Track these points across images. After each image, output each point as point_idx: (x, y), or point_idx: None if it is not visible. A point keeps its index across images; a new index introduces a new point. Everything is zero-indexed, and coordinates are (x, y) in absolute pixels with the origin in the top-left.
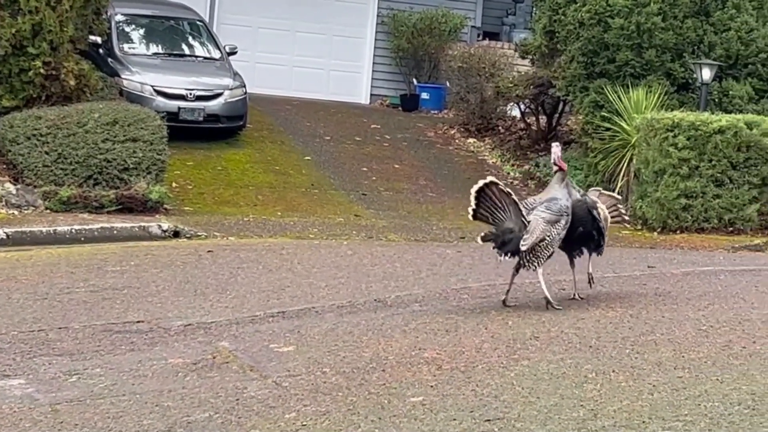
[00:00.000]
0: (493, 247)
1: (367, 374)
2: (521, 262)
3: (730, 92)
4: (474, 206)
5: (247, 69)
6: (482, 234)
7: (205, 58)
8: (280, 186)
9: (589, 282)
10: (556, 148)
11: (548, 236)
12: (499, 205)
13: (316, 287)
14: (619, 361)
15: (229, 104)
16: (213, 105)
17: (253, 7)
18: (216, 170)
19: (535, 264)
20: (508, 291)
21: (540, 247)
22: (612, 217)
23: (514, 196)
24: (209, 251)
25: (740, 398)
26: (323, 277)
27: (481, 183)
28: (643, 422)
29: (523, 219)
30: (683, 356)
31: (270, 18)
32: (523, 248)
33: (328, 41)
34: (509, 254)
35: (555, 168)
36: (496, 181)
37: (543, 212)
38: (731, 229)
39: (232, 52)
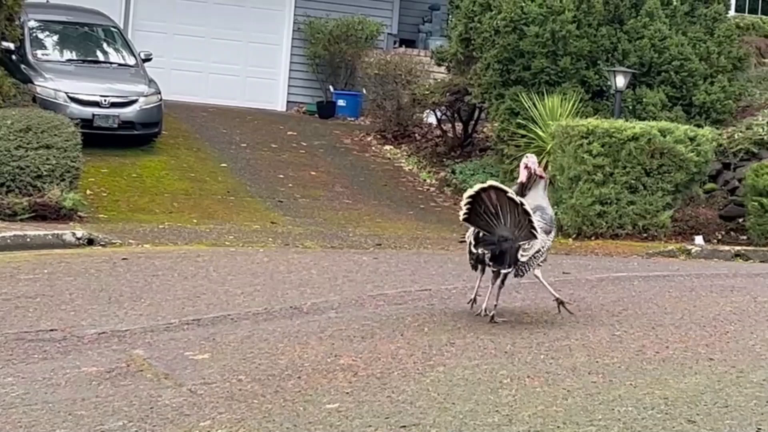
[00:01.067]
0: (489, 258)
1: (282, 381)
2: (516, 271)
3: (644, 99)
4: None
5: (162, 75)
6: (475, 235)
7: (120, 64)
8: (195, 193)
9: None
10: (533, 158)
11: (543, 247)
12: (497, 210)
13: (231, 294)
14: (533, 366)
15: (144, 111)
16: (128, 112)
17: (168, 14)
18: (131, 177)
19: (524, 273)
20: (495, 306)
21: (536, 257)
22: None
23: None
24: (124, 259)
25: (653, 403)
26: (239, 284)
27: (477, 188)
28: (558, 427)
29: (532, 229)
30: (597, 361)
31: (185, 24)
32: (523, 259)
33: (244, 48)
34: (504, 264)
35: (526, 176)
36: (499, 186)
37: (539, 222)
38: (645, 235)
39: (147, 59)
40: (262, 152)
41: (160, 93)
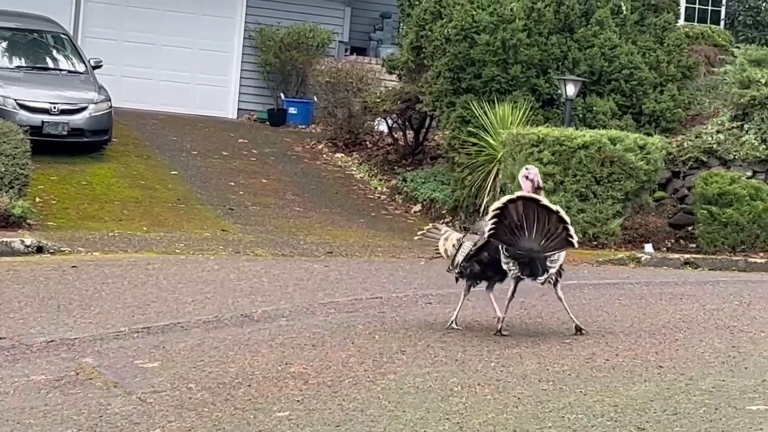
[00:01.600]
0: (519, 271)
1: (233, 389)
2: (547, 280)
3: (594, 108)
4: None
5: (112, 83)
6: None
7: (70, 71)
8: (146, 201)
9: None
10: (534, 170)
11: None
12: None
13: (182, 302)
14: (484, 374)
15: (94, 118)
16: (77, 119)
17: (118, 21)
18: (81, 185)
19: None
20: (502, 319)
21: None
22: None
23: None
24: (73, 266)
25: (603, 410)
26: (189, 292)
27: (505, 200)
28: None
29: (568, 236)
30: (548, 369)
31: (135, 31)
32: (551, 270)
33: (194, 55)
34: (538, 275)
35: (530, 188)
36: (529, 195)
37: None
38: (595, 243)
39: (97, 66)
40: (213, 160)
41: (110, 100)
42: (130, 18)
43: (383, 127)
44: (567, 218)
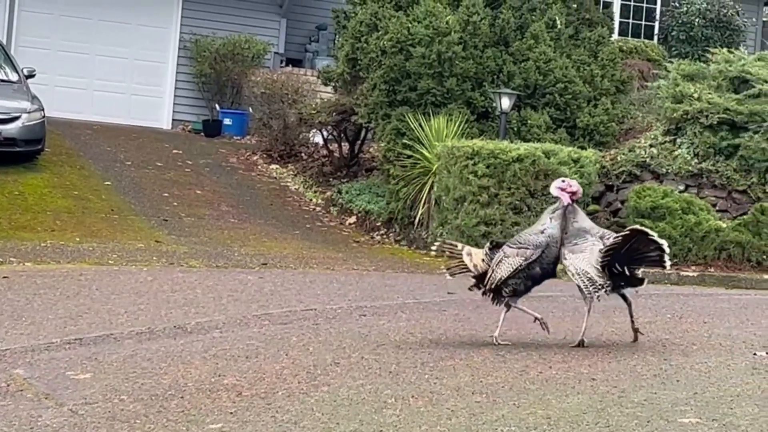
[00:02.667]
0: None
1: (165, 401)
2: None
3: (529, 121)
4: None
5: (45, 92)
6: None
7: (2, 80)
8: (78, 211)
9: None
10: (570, 181)
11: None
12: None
13: (114, 314)
14: (418, 386)
15: (27, 128)
16: (10, 128)
17: (52, 30)
18: (12, 195)
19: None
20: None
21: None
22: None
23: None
24: (4, 277)
25: (536, 422)
26: (122, 303)
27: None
28: None
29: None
30: (481, 381)
31: (70, 41)
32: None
33: (129, 65)
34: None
35: (569, 199)
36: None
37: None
38: None
39: (31, 75)
40: (147, 170)
41: (43, 110)
42: (64, 27)
43: (318, 139)
44: (666, 249)
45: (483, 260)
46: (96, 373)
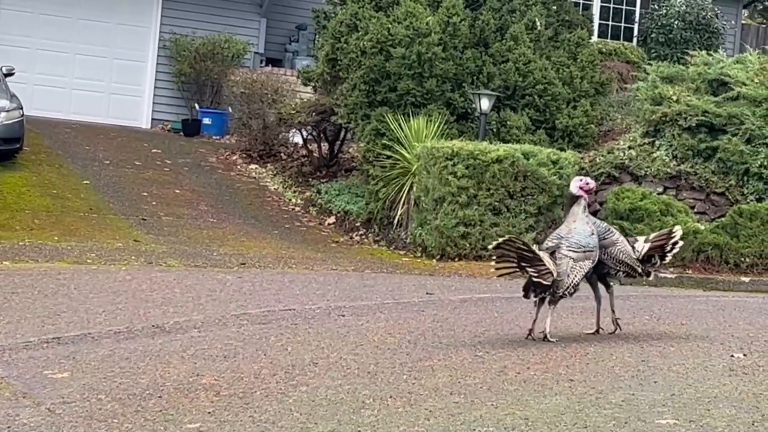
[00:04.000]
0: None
1: (143, 401)
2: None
3: (508, 122)
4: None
5: (24, 91)
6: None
7: None
8: (57, 210)
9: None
10: (591, 180)
11: (578, 277)
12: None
13: (93, 313)
14: (396, 386)
15: (6, 126)
16: None
17: (31, 29)
18: None
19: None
20: (534, 321)
21: (572, 287)
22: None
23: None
24: None
25: (514, 423)
26: (101, 302)
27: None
28: None
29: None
30: (459, 382)
31: (49, 40)
32: (560, 293)
33: (109, 64)
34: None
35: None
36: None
37: (571, 252)
38: None
39: (9, 74)
40: (126, 170)
41: (22, 108)
42: (43, 26)
43: (298, 139)
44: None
45: (554, 265)
46: (74, 372)
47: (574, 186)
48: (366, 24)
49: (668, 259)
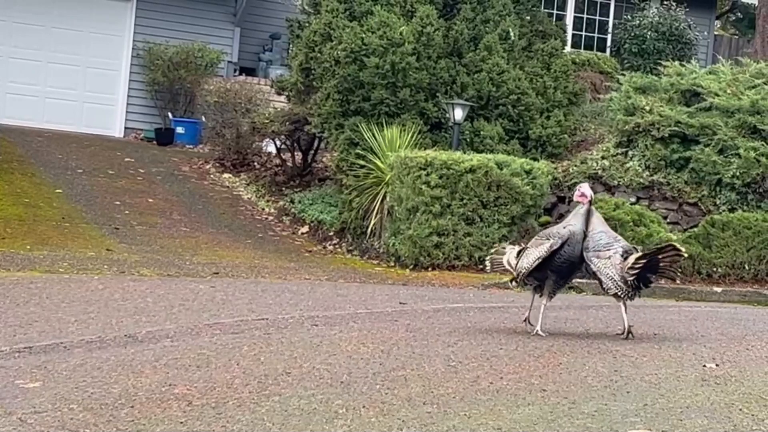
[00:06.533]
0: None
1: (115, 410)
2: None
3: (482, 132)
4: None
5: None
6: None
7: None
8: (29, 219)
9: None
10: (587, 187)
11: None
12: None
13: (65, 322)
14: (369, 396)
15: None
16: None
17: (3, 37)
18: None
19: (516, 284)
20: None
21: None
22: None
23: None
24: None
25: None
26: (73, 311)
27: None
28: None
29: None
30: (432, 392)
31: (21, 48)
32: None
33: (81, 72)
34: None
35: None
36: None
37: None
38: (481, 266)
39: None
40: (99, 178)
41: None
42: (15, 34)
43: (271, 148)
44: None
45: (515, 257)
46: (45, 381)
47: (575, 195)
48: (340, 33)
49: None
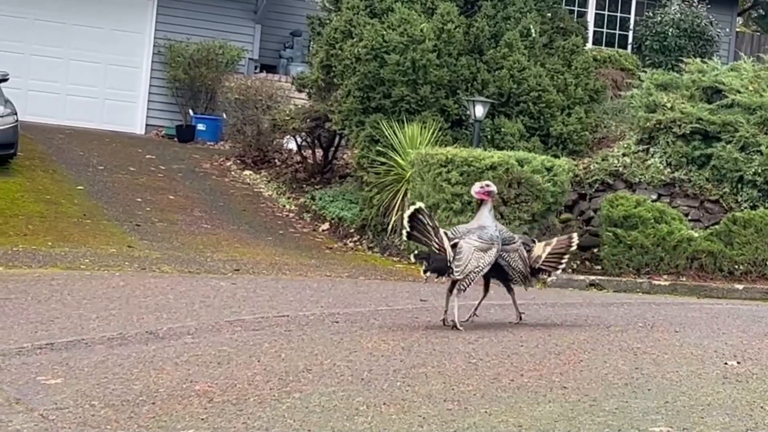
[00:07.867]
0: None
1: (137, 407)
2: (458, 285)
3: (502, 129)
4: (408, 229)
5: (18, 96)
6: (415, 252)
7: None
8: (51, 216)
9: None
10: (491, 184)
11: (481, 263)
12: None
13: (86, 318)
14: (390, 393)
15: (0, 132)
16: None
17: (25, 34)
18: None
19: (465, 287)
20: (446, 311)
21: (473, 272)
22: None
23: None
24: None
25: (507, 430)
26: (94, 308)
27: (412, 208)
28: None
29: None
30: (453, 389)
31: (43, 45)
32: (457, 275)
33: (103, 70)
34: (436, 274)
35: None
36: (423, 208)
37: (475, 240)
38: None
39: (4, 79)
40: (120, 175)
41: (16, 114)
42: (37, 31)
43: (292, 145)
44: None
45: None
46: (67, 378)
47: (473, 190)
48: (360, 31)
49: (562, 267)
